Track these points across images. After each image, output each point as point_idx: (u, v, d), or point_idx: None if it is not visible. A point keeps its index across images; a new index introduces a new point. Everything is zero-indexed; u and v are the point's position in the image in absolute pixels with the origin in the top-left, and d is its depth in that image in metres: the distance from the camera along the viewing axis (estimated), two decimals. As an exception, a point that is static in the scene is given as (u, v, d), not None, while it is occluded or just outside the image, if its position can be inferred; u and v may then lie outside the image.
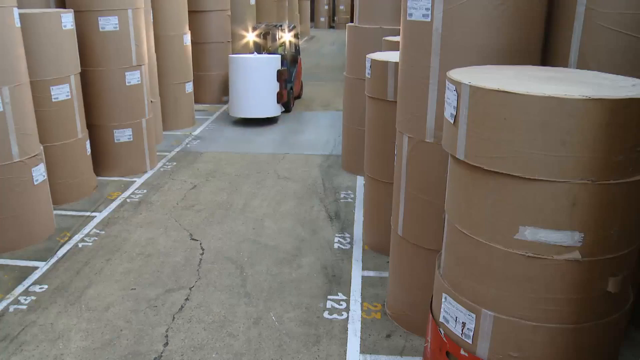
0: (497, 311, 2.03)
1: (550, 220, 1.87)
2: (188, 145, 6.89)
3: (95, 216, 4.89)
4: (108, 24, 5.41)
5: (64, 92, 4.95)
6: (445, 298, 2.28)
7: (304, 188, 5.47)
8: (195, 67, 8.48)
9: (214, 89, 9.01)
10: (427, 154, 2.89)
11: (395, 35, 4.95)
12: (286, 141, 7.09)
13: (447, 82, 2.11)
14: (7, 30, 4.03)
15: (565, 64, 2.77)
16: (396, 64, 3.61)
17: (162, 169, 6.04)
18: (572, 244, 1.89)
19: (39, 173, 4.42)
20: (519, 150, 1.85)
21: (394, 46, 4.44)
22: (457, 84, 1.99)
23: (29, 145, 4.31)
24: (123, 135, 5.72)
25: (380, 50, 4.77)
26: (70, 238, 4.48)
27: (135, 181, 5.69)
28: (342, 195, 5.29)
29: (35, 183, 4.37)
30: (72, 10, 5.01)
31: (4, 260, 4.13)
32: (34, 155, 4.35)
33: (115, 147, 5.74)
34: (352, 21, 6.06)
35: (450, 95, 2.07)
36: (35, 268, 4.03)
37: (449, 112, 2.09)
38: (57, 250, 4.28)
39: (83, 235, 4.53)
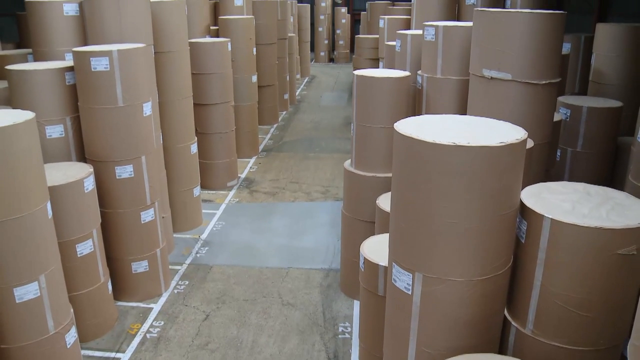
0: None
1: None
2: (198, 255, 7.43)
3: (120, 358, 5.44)
4: (124, 172, 5.94)
5: (88, 247, 5.49)
6: None
7: (306, 318, 6.03)
8: (201, 155, 9.04)
9: (219, 175, 9.56)
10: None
11: (387, 192, 5.50)
12: (288, 249, 7.61)
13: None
14: (43, 226, 4.54)
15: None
16: (386, 267, 4.15)
17: (175, 291, 6.59)
18: None
19: (71, 336, 4.97)
20: None
21: (385, 217, 4.97)
22: None
23: (62, 316, 4.84)
24: (140, 266, 6.27)
25: (377, 195, 5.38)
26: (99, 391, 5.05)
27: (152, 308, 6.25)
28: (340, 329, 5.85)
29: (68, 347, 4.92)
30: (92, 171, 5.51)
31: (43, 422, 4.69)
32: (67, 323, 4.89)
33: (132, 277, 6.29)
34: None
35: None
36: None
37: None
38: (89, 408, 4.84)
39: (110, 386, 5.10)
